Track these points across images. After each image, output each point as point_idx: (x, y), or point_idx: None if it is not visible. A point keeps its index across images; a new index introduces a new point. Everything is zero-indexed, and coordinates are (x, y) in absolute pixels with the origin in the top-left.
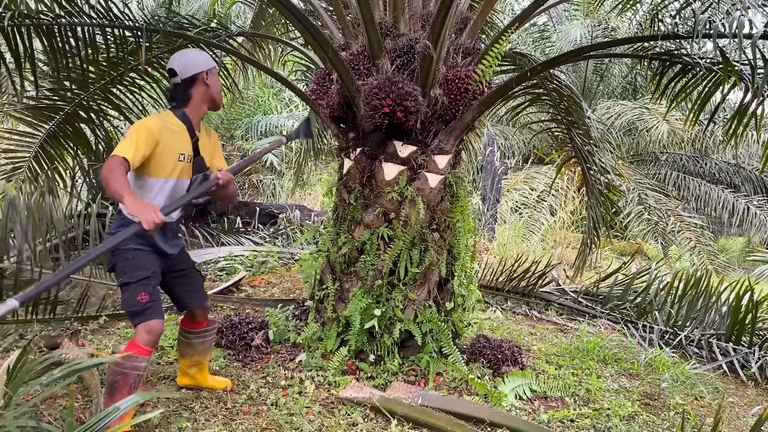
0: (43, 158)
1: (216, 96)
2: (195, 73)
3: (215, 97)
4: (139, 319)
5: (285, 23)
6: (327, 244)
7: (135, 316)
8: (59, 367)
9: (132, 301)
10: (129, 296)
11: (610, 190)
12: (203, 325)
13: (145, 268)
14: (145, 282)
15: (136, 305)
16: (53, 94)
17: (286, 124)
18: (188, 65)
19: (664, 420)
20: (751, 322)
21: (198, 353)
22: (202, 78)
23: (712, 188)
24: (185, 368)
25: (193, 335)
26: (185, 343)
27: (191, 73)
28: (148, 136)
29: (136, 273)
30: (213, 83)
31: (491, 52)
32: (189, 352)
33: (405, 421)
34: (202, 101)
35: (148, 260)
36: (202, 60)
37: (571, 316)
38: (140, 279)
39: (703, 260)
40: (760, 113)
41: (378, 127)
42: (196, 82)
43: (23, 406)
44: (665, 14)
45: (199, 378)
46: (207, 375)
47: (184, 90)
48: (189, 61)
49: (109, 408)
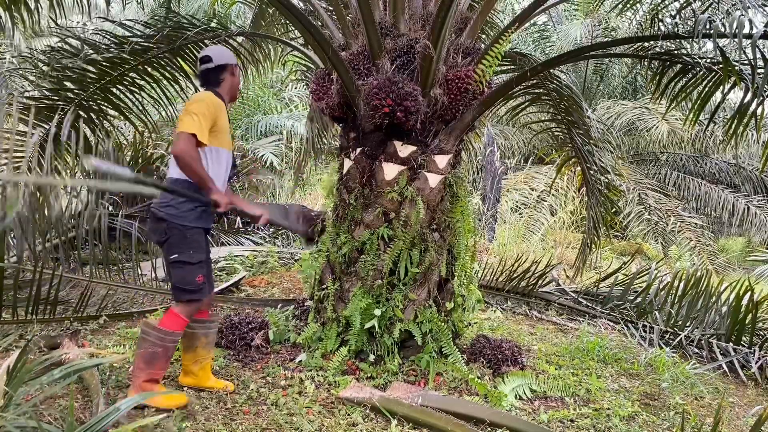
0: (43, 158)
1: (236, 88)
2: (226, 62)
3: (235, 89)
4: (190, 296)
5: (285, 23)
6: (327, 244)
7: (187, 293)
8: (59, 367)
9: (190, 280)
10: (187, 275)
11: (610, 190)
12: (206, 315)
13: (203, 249)
14: (203, 264)
15: (193, 285)
16: (53, 94)
17: (286, 124)
18: (221, 55)
19: (664, 420)
20: (751, 322)
21: (202, 346)
22: (231, 68)
23: (712, 188)
24: (189, 365)
25: (197, 324)
26: (189, 335)
27: (224, 62)
28: (206, 111)
29: (195, 254)
30: (237, 76)
31: (491, 52)
32: (193, 344)
33: (405, 421)
34: (228, 88)
35: (203, 241)
36: (231, 55)
37: (571, 316)
38: (199, 261)
39: (703, 260)
40: (760, 113)
41: (378, 127)
42: (226, 70)
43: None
44: (665, 14)
45: (202, 376)
46: (209, 374)
47: (216, 74)
48: (222, 52)
49: (110, 408)
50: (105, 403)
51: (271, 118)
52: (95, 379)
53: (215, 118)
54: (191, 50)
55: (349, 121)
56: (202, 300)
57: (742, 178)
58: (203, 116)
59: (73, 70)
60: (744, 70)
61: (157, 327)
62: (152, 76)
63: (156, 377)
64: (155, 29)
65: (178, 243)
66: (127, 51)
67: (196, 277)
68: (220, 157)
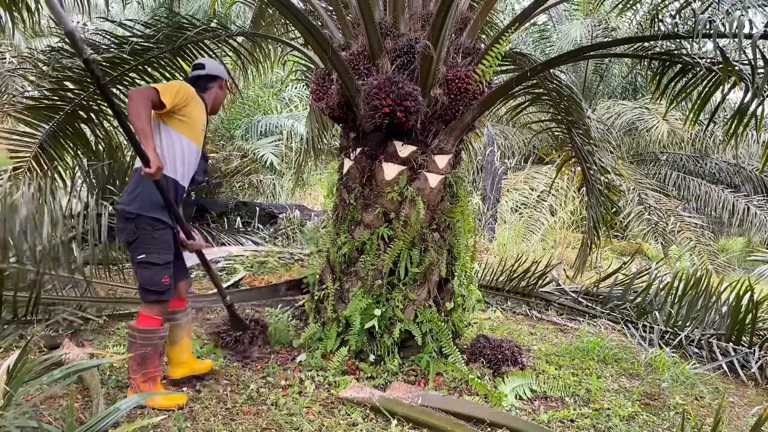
0: (43, 158)
1: (219, 102)
2: (217, 74)
3: (219, 102)
4: (156, 297)
5: (285, 23)
6: (327, 244)
7: (154, 293)
8: (59, 367)
9: (156, 281)
10: (154, 276)
11: (610, 190)
12: (185, 303)
13: (170, 249)
14: (169, 266)
15: (159, 286)
16: (53, 94)
17: (286, 124)
18: (214, 68)
19: (664, 420)
20: (751, 322)
21: (186, 333)
22: (220, 82)
23: (712, 188)
24: (177, 357)
25: (181, 314)
26: (175, 327)
27: (215, 73)
28: (180, 88)
29: (162, 255)
30: (223, 91)
31: (491, 52)
32: (179, 335)
33: (405, 421)
34: (212, 98)
35: (170, 240)
36: (223, 70)
37: (571, 316)
38: (166, 262)
39: (703, 260)
40: (760, 113)
41: (378, 127)
42: (215, 81)
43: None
44: (665, 14)
45: (191, 362)
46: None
47: (205, 81)
48: (216, 65)
49: (110, 408)
50: (105, 403)
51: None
52: (95, 379)
53: (186, 103)
54: (191, 50)
55: (349, 121)
56: (167, 301)
57: (742, 178)
58: (172, 87)
59: (73, 70)
60: (744, 70)
61: (137, 327)
62: (152, 76)
63: (153, 375)
64: (155, 29)
65: (146, 243)
66: (127, 51)
67: (163, 279)
68: (186, 149)
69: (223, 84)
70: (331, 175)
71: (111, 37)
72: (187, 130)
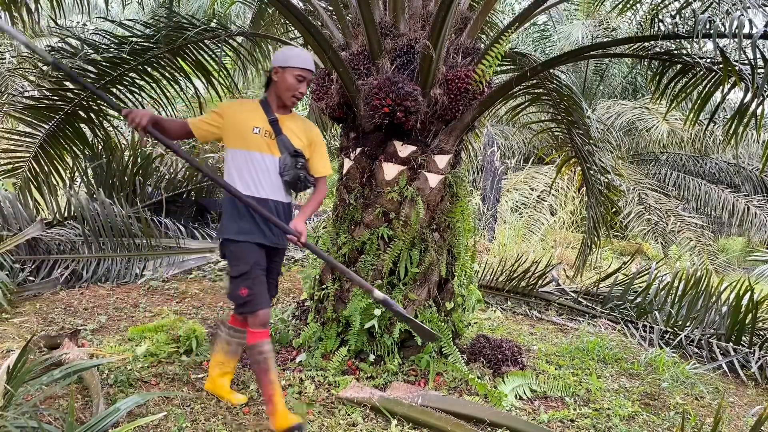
0: (43, 158)
1: (281, 92)
2: (274, 65)
3: (281, 93)
4: (244, 310)
5: (284, 23)
6: (327, 244)
7: (238, 306)
8: (59, 367)
9: (234, 294)
10: (234, 290)
11: (610, 190)
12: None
13: (245, 261)
14: (245, 276)
15: (238, 299)
16: (53, 94)
17: None
18: (277, 57)
19: (664, 420)
20: (751, 322)
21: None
22: (275, 70)
23: (712, 188)
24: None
25: (241, 334)
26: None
27: (273, 65)
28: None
29: (236, 267)
30: (281, 80)
31: (491, 52)
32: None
33: (405, 421)
34: (274, 90)
35: (249, 252)
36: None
37: (571, 316)
38: (241, 274)
39: (703, 260)
40: (760, 113)
41: (378, 127)
42: (272, 72)
43: (23, 406)
44: (665, 14)
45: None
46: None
47: (269, 75)
48: (279, 53)
49: (110, 408)
50: (105, 403)
51: None
52: (95, 379)
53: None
54: (191, 50)
55: (349, 121)
56: (253, 312)
57: (742, 178)
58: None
59: (73, 70)
60: (744, 70)
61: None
62: (152, 77)
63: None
64: (155, 29)
65: (228, 258)
66: (126, 51)
67: (238, 291)
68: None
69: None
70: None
71: (111, 37)
72: (232, 141)
